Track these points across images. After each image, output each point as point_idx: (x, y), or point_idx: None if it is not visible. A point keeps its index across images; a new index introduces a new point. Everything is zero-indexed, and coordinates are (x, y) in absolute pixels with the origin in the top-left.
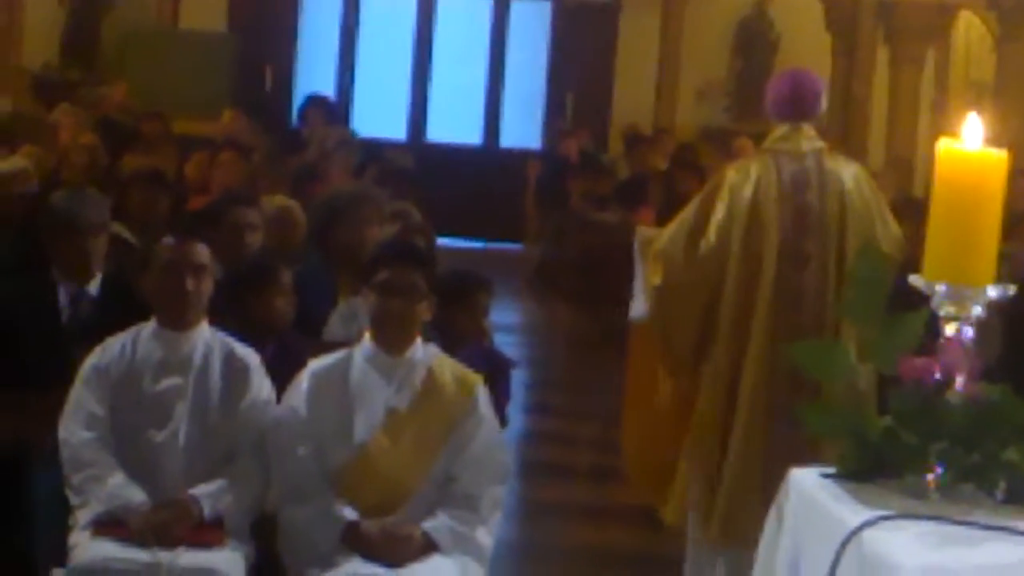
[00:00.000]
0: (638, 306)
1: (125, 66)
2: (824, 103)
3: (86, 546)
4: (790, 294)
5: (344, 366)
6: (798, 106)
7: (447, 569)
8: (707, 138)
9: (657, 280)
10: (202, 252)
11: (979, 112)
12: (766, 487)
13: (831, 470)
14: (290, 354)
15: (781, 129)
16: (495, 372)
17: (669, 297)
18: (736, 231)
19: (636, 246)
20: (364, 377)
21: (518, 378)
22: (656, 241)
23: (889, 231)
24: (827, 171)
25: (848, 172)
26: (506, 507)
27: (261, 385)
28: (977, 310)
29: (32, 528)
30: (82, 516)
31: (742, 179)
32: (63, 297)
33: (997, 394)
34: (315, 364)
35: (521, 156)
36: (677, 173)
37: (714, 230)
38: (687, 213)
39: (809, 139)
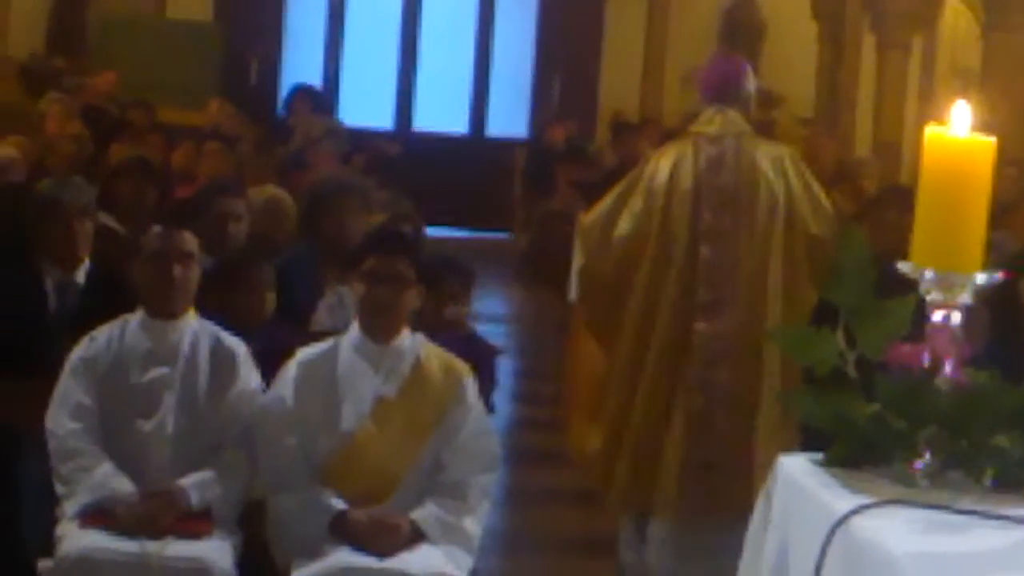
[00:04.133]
0: (572, 287)
1: (111, 55)
2: (748, 91)
3: (73, 536)
4: (706, 271)
5: (332, 355)
6: (720, 91)
7: (435, 558)
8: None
9: (579, 261)
10: (189, 241)
11: (966, 100)
12: (682, 463)
13: (819, 456)
14: (277, 343)
15: (707, 113)
16: (478, 360)
17: (586, 278)
18: (654, 216)
19: (577, 232)
20: (352, 366)
21: (506, 367)
22: (580, 224)
23: (820, 211)
24: (744, 153)
25: (769, 155)
26: (494, 495)
27: (249, 374)
28: (965, 297)
29: (20, 518)
30: (69, 506)
31: (661, 163)
32: (50, 286)
33: (985, 380)
34: (303, 353)
35: (508, 145)
36: None
37: (628, 218)
38: (608, 198)
39: (732, 123)
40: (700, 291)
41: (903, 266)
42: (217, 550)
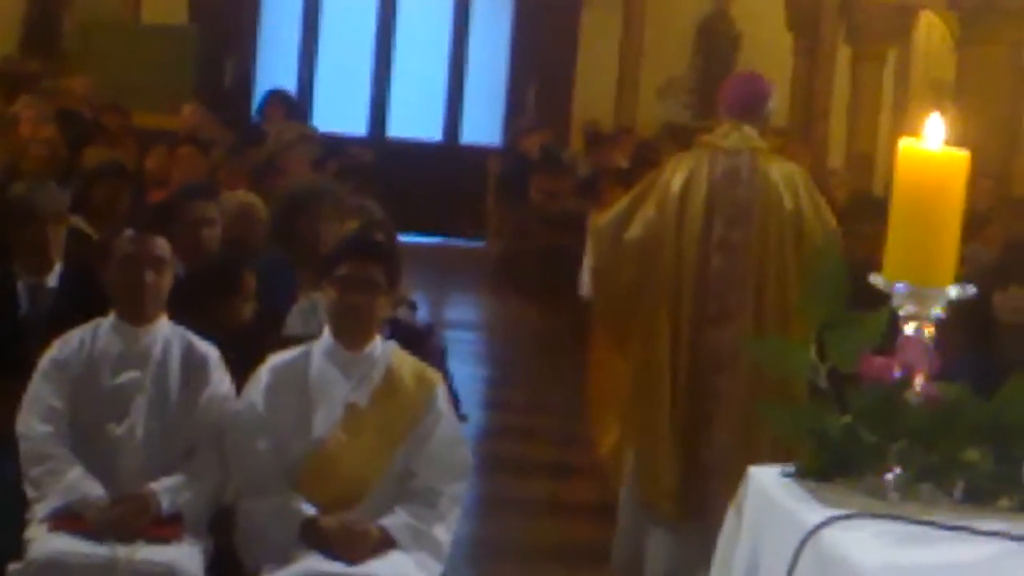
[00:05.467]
0: (583, 284)
1: (86, 59)
2: (771, 109)
3: (43, 540)
4: (716, 281)
5: (303, 361)
6: (745, 107)
7: (405, 565)
8: (669, 135)
9: (592, 262)
10: (162, 246)
11: (940, 112)
12: (683, 464)
13: (790, 469)
14: (250, 348)
15: (724, 127)
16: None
17: (599, 278)
18: (668, 223)
19: (589, 231)
20: (323, 372)
21: (478, 374)
22: (593, 225)
23: (827, 228)
24: (758, 169)
25: (781, 171)
26: (465, 503)
27: (220, 379)
28: (938, 310)
29: None
30: (39, 510)
31: (676, 171)
32: (21, 290)
33: (956, 394)
34: (274, 359)
35: (482, 152)
36: (638, 171)
37: (640, 223)
38: (622, 202)
39: (747, 139)
40: (709, 301)
41: (876, 279)
42: (187, 555)
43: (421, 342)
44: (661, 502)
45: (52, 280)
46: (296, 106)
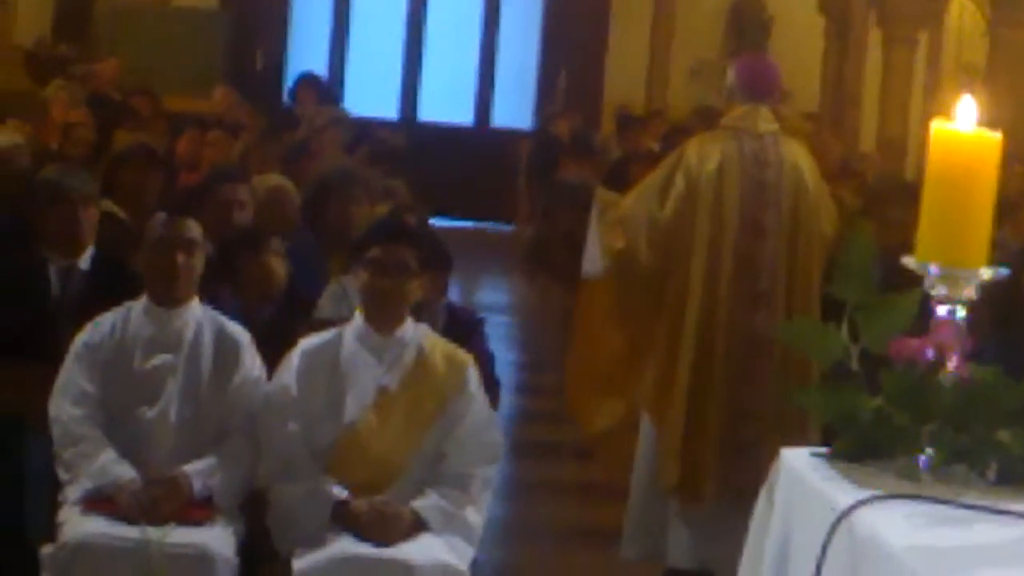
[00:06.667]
0: (591, 263)
1: (117, 43)
2: (781, 88)
3: (75, 522)
4: (748, 264)
5: (335, 344)
6: (761, 89)
7: (436, 548)
8: (700, 118)
9: (619, 245)
10: (193, 228)
11: (971, 95)
12: (721, 447)
13: (822, 451)
14: (280, 330)
15: (740, 109)
16: (465, 331)
17: (629, 261)
18: (702, 203)
19: (595, 206)
20: (354, 355)
21: (509, 359)
22: (619, 208)
23: (830, 209)
24: (783, 151)
25: (800, 153)
26: (496, 486)
27: (252, 363)
28: (970, 292)
29: (23, 504)
30: (71, 492)
31: (707, 153)
32: (53, 273)
33: (989, 376)
34: (306, 342)
35: (512, 136)
36: (669, 154)
37: (672, 202)
38: (650, 182)
39: (766, 120)
40: (744, 284)
41: (908, 261)
42: (219, 538)
43: (473, 330)
44: (680, 486)
45: (84, 263)
46: (328, 90)
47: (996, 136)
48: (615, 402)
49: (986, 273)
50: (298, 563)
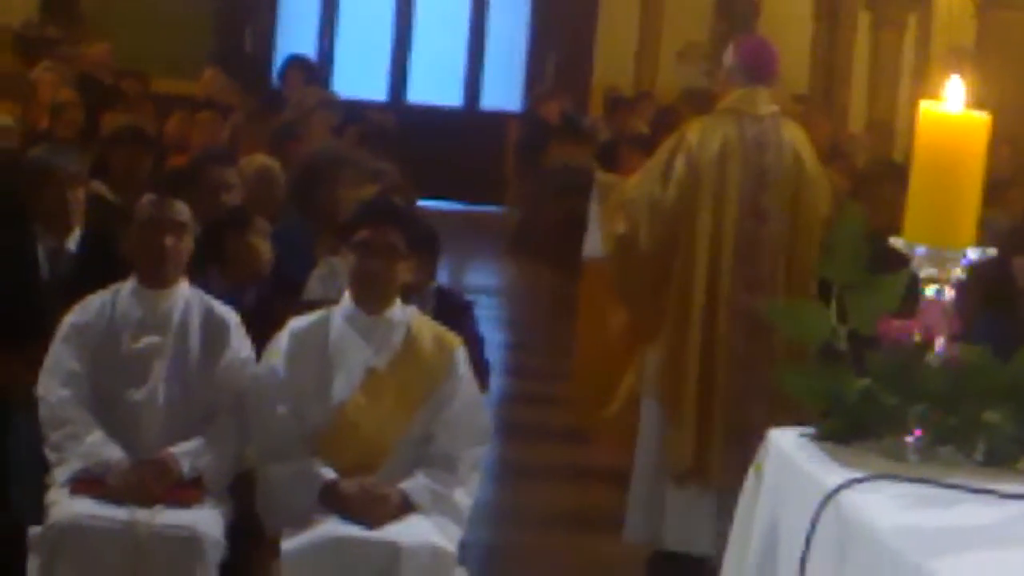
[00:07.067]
0: (592, 244)
1: (105, 24)
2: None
3: (64, 504)
4: (750, 247)
5: (323, 325)
6: (760, 71)
7: (425, 529)
8: (689, 100)
9: (621, 228)
10: (182, 210)
11: (960, 77)
12: (726, 432)
13: (810, 431)
14: (269, 311)
15: (740, 91)
16: (456, 314)
17: (631, 245)
18: (704, 188)
19: (594, 190)
20: (343, 337)
21: (498, 340)
22: (621, 191)
23: (827, 191)
24: (783, 134)
25: (799, 136)
26: (484, 468)
27: (240, 344)
28: (958, 272)
29: (10, 485)
30: (60, 474)
31: (708, 136)
32: (42, 254)
33: (976, 356)
34: (294, 323)
35: (502, 118)
36: (658, 136)
37: (675, 184)
38: (651, 165)
39: (766, 103)
40: (745, 268)
41: (896, 242)
42: (207, 518)
43: (464, 313)
44: (689, 470)
45: (72, 244)
46: (316, 72)
47: (984, 117)
48: (626, 385)
49: (974, 254)
50: (286, 544)
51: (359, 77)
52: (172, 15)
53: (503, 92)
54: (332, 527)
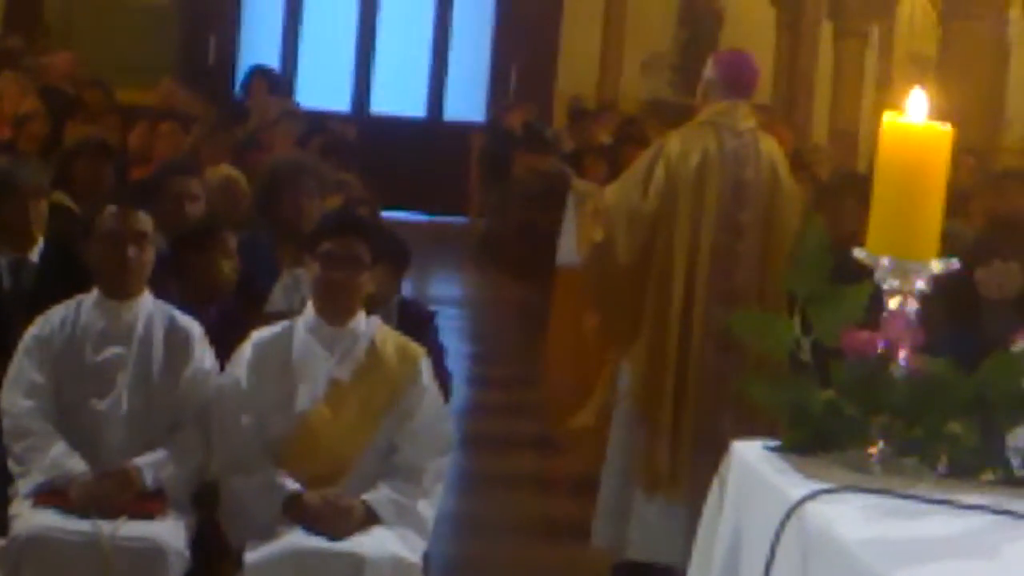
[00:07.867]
0: (566, 252)
1: (69, 35)
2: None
3: (27, 516)
4: (726, 260)
5: (287, 337)
6: (740, 85)
7: (389, 541)
8: (652, 111)
9: (598, 237)
10: (144, 221)
11: (923, 87)
12: (688, 443)
13: (774, 443)
14: (232, 323)
15: (720, 105)
16: (418, 326)
17: (608, 253)
18: (682, 200)
19: (570, 197)
20: (306, 348)
21: (462, 351)
22: (597, 199)
23: (801, 204)
24: (761, 149)
25: (775, 150)
26: (449, 479)
27: (203, 355)
28: (921, 284)
29: None
30: (23, 486)
31: (688, 148)
32: (3, 266)
33: (940, 368)
34: (258, 334)
35: (465, 129)
36: (622, 148)
37: (654, 194)
38: (630, 174)
39: (745, 117)
40: (720, 280)
41: (859, 253)
42: (170, 530)
43: (426, 324)
44: (662, 480)
45: (34, 256)
46: (279, 82)
47: (947, 129)
48: (597, 397)
49: (937, 265)
50: (250, 556)
51: (322, 88)
52: (136, 26)
53: (467, 103)
54: (296, 539)
